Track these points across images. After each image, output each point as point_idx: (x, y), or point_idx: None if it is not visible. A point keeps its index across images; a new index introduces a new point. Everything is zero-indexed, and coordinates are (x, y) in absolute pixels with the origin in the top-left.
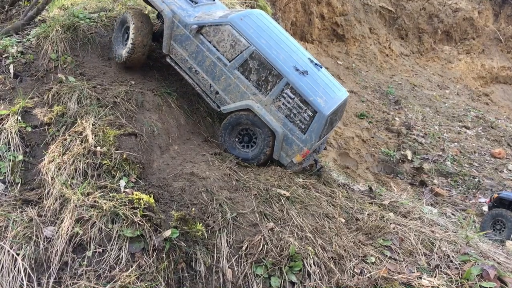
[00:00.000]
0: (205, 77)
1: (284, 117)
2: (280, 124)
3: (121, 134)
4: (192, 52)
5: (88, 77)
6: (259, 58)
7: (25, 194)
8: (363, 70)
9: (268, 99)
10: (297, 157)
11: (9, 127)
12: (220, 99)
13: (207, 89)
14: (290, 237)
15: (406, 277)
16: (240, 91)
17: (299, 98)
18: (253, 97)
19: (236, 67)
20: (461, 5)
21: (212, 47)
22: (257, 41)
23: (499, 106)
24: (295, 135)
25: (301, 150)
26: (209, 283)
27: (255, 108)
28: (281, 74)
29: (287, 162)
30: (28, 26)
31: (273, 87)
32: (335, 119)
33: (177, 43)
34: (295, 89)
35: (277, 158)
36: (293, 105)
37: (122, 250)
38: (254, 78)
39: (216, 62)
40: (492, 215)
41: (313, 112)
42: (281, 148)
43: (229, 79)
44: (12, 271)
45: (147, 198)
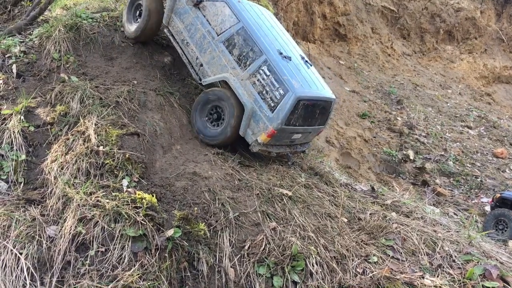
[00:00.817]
0: (194, 49)
1: (257, 93)
2: (252, 100)
3: (123, 134)
4: (188, 24)
5: (90, 76)
6: (244, 35)
7: (28, 193)
8: (365, 69)
9: (245, 74)
10: (262, 136)
11: (12, 127)
12: (203, 72)
13: (193, 61)
14: (292, 236)
15: (409, 277)
16: (221, 64)
17: (274, 76)
18: (232, 71)
19: (222, 41)
20: (463, 5)
21: (205, 21)
22: (247, 20)
23: (501, 106)
24: (263, 112)
25: (267, 128)
26: (212, 282)
27: (230, 81)
28: (262, 51)
29: (252, 141)
30: (31, 26)
31: (252, 63)
32: (314, 115)
33: (176, 15)
34: (272, 66)
35: (243, 135)
36: (267, 82)
37: (125, 249)
38: (236, 53)
39: (206, 35)
40: (494, 215)
41: (285, 91)
42: (248, 125)
43: (214, 52)
44: (15, 270)
45: (149, 197)
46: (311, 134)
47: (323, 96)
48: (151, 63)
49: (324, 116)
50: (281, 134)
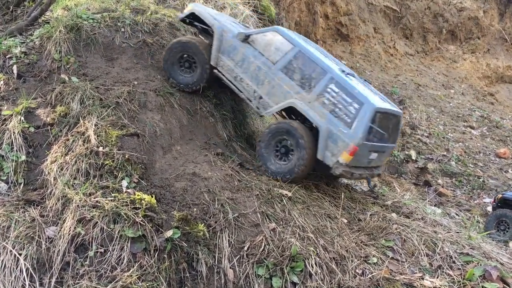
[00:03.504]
0: (250, 83)
1: (328, 112)
2: (325, 120)
3: (123, 135)
4: (239, 60)
5: (91, 77)
6: (302, 58)
7: (27, 194)
8: (367, 69)
9: (311, 96)
10: (344, 155)
11: (12, 128)
12: (263, 104)
13: (251, 95)
14: (291, 237)
15: (408, 278)
16: (283, 91)
17: (344, 91)
18: (297, 96)
19: (280, 69)
20: (466, 5)
21: (257, 53)
22: (301, 44)
23: (504, 106)
24: (340, 130)
25: (347, 146)
26: (211, 283)
27: (297, 105)
28: (325, 70)
29: (333, 163)
30: (32, 27)
31: (317, 83)
32: (388, 130)
33: (224, 54)
34: (340, 83)
35: (322, 158)
36: (337, 100)
37: (124, 250)
38: (298, 77)
39: (261, 66)
40: (496, 215)
41: (359, 103)
42: (326, 147)
43: (272, 81)
44: (14, 271)
45: (149, 198)
46: (384, 154)
47: (394, 110)
48: (152, 63)
49: (395, 132)
50: (361, 151)
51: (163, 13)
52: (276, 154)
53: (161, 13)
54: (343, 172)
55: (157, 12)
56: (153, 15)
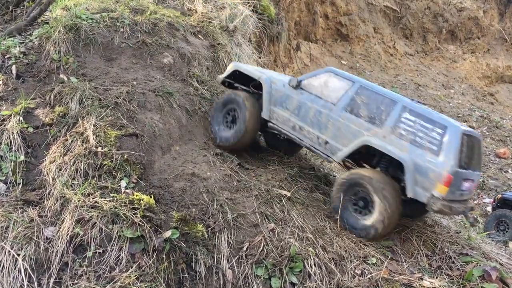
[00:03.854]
0: (311, 130)
1: (409, 143)
2: (406, 153)
3: (122, 135)
4: (294, 109)
5: (90, 77)
6: (365, 92)
7: (26, 194)
8: (367, 70)
9: (385, 129)
10: (439, 187)
11: (11, 128)
12: (331, 149)
13: (315, 143)
14: (290, 238)
15: (407, 278)
16: (352, 131)
17: (421, 118)
18: (368, 133)
19: (343, 108)
20: (466, 5)
21: (314, 97)
22: (358, 79)
23: (504, 106)
24: (427, 161)
25: (440, 176)
26: (210, 284)
27: (373, 142)
28: (394, 100)
29: (428, 198)
30: (31, 27)
31: (388, 115)
32: (473, 155)
33: (277, 106)
34: (414, 110)
35: (414, 195)
36: (416, 128)
37: (122, 250)
38: (365, 113)
39: (320, 110)
40: (496, 215)
41: (443, 128)
42: (416, 182)
43: (337, 122)
44: (12, 272)
45: (147, 198)
46: (474, 184)
47: (476, 133)
48: (151, 63)
49: (479, 158)
50: (455, 180)
51: (162, 13)
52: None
53: (160, 13)
54: (441, 207)
55: (156, 12)
56: (152, 15)
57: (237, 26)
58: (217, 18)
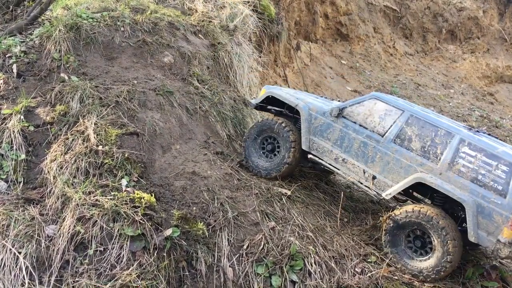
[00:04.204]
0: (356, 163)
1: (470, 182)
2: (467, 193)
3: (123, 133)
4: (336, 139)
5: (90, 76)
6: (417, 122)
7: (27, 193)
8: (367, 69)
9: (441, 165)
10: (506, 232)
11: (12, 126)
12: (379, 185)
13: (361, 177)
14: (291, 236)
15: (408, 277)
16: (403, 166)
17: (483, 153)
18: (421, 168)
19: (392, 140)
20: (466, 4)
21: (358, 127)
22: (409, 107)
23: (504, 106)
24: (492, 202)
25: (508, 219)
26: (210, 282)
27: (427, 179)
28: (451, 131)
29: (493, 244)
30: (32, 26)
31: (444, 149)
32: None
33: (317, 136)
34: (475, 143)
35: (476, 240)
36: (478, 164)
37: (123, 248)
38: (417, 146)
39: (366, 141)
40: None
41: (509, 165)
42: (478, 225)
43: (386, 156)
44: (14, 270)
45: (148, 197)
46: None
47: None
48: (151, 62)
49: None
50: None
51: (162, 12)
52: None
53: (160, 12)
54: (510, 254)
55: (157, 11)
56: (153, 14)
57: (237, 26)
58: (218, 18)
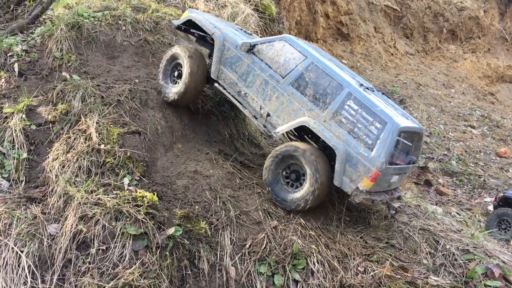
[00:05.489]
0: (256, 98)
1: (347, 133)
2: (342, 141)
3: (125, 132)
4: (242, 73)
5: (92, 75)
6: (316, 70)
7: (29, 191)
8: (368, 69)
9: (326, 114)
10: (365, 182)
11: (13, 125)
12: (271, 122)
13: (257, 112)
14: (293, 235)
15: (411, 276)
16: (294, 108)
17: (365, 109)
18: (309, 113)
19: (290, 83)
20: (467, 4)
21: (264, 65)
22: (313, 55)
23: (504, 105)
24: (360, 154)
25: (369, 171)
26: (213, 280)
27: (311, 124)
28: (342, 84)
29: (352, 189)
30: (33, 25)
31: (332, 100)
32: (411, 150)
33: (226, 66)
34: (360, 99)
35: (339, 184)
36: (357, 118)
37: (126, 247)
38: (310, 93)
39: (268, 80)
40: (497, 214)
41: (382, 123)
42: (344, 171)
43: (282, 96)
44: (16, 268)
45: (150, 196)
46: (405, 175)
47: (417, 127)
48: (153, 61)
49: (418, 151)
50: (384, 176)
51: (164, 11)
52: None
53: (162, 12)
54: (363, 200)
55: (158, 11)
56: (154, 14)
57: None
58: (219, 17)
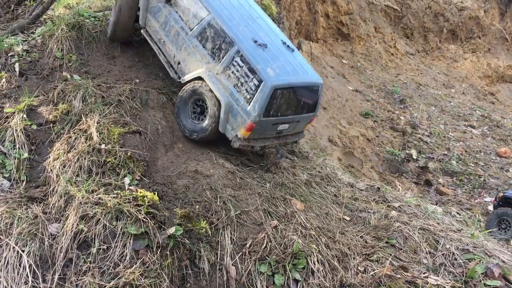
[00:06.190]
0: (171, 47)
1: (232, 86)
2: (228, 94)
3: (125, 132)
4: (162, 22)
5: (93, 75)
6: (215, 26)
7: (30, 191)
8: (368, 69)
9: (219, 67)
10: (241, 131)
11: (14, 125)
12: (181, 70)
13: (171, 60)
14: (294, 235)
15: (411, 275)
16: (197, 60)
17: (247, 66)
18: (206, 66)
19: (195, 35)
20: (467, 4)
21: (177, 17)
22: (217, 11)
23: (505, 105)
24: (240, 106)
25: (245, 122)
26: (213, 280)
27: (205, 77)
28: (233, 41)
29: (232, 136)
30: (34, 25)
31: (225, 55)
32: (298, 103)
33: (151, 15)
34: (245, 56)
35: (223, 131)
36: (241, 74)
37: (126, 247)
38: (210, 46)
39: (179, 31)
40: (497, 214)
41: (259, 81)
42: (227, 120)
43: (188, 48)
44: (17, 268)
45: (151, 195)
46: (300, 123)
47: (305, 82)
48: (153, 61)
49: (311, 103)
50: (262, 126)
51: None
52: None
53: None
54: (240, 146)
55: None
56: None
57: None
58: None
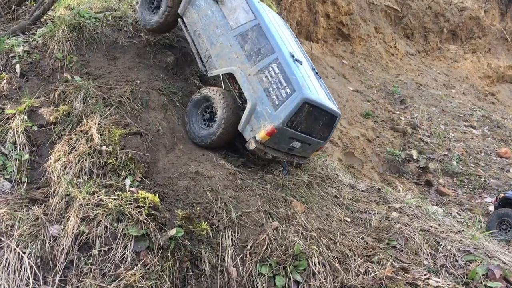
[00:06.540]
0: (205, 40)
1: (262, 89)
2: (256, 96)
3: (126, 133)
4: (203, 16)
5: (93, 76)
6: (259, 31)
7: (31, 193)
8: (368, 69)
9: (253, 69)
10: (261, 134)
11: (15, 126)
12: (210, 64)
13: (202, 52)
14: (294, 236)
15: (412, 277)
16: (231, 57)
17: (283, 74)
18: (240, 65)
19: (235, 35)
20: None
21: (221, 15)
22: (263, 18)
23: (505, 106)
24: (265, 110)
25: (267, 125)
26: (214, 282)
27: (237, 74)
28: (274, 49)
29: (250, 137)
30: (34, 26)
31: (262, 59)
32: (317, 125)
33: (193, 7)
34: (283, 65)
35: (241, 130)
36: (274, 80)
37: (127, 248)
38: (248, 48)
39: (219, 28)
40: (498, 214)
41: (292, 90)
42: (249, 121)
43: (224, 45)
44: (18, 269)
45: (152, 197)
46: (310, 147)
47: (329, 107)
48: (154, 62)
49: (326, 131)
50: (280, 135)
51: None
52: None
53: None
54: (256, 149)
55: None
56: None
57: None
58: None
